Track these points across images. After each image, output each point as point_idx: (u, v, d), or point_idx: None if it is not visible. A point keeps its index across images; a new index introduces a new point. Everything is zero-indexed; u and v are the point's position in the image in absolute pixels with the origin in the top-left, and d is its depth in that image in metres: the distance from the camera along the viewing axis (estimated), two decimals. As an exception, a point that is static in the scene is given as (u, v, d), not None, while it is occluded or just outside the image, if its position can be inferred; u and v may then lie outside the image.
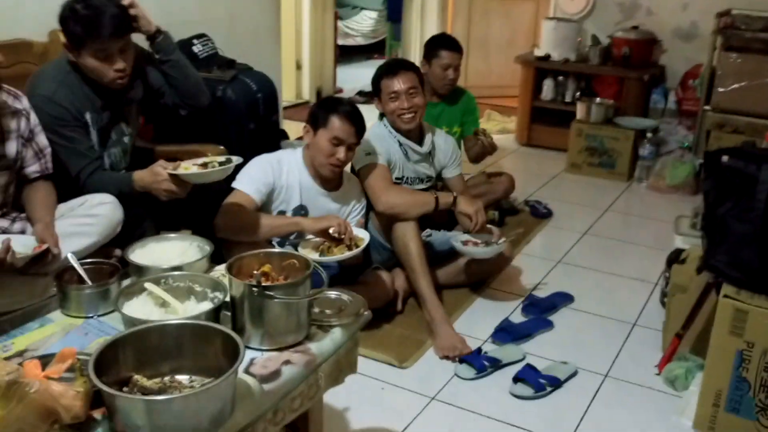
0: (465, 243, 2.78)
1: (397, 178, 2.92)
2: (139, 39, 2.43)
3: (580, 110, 4.77)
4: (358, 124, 2.54)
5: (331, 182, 2.63)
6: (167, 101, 2.54)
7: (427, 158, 2.97)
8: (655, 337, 2.72)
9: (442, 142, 3.03)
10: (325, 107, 2.55)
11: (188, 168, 2.06)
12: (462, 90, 3.56)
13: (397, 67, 2.88)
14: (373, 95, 2.97)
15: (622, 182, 4.61)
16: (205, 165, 2.07)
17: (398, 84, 2.81)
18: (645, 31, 5.07)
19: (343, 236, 2.38)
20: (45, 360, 1.44)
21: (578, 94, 5.04)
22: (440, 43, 3.43)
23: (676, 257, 2.74)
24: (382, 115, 2.98)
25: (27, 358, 1.52)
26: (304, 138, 2.58)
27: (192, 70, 2.58)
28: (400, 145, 2.90)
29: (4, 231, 2.14)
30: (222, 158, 2.10)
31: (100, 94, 2.32)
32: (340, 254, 2.38)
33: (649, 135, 4.64)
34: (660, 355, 2.57)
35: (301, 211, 2.58)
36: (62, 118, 2.24)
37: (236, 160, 2.10)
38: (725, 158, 1.99)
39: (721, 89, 4.35)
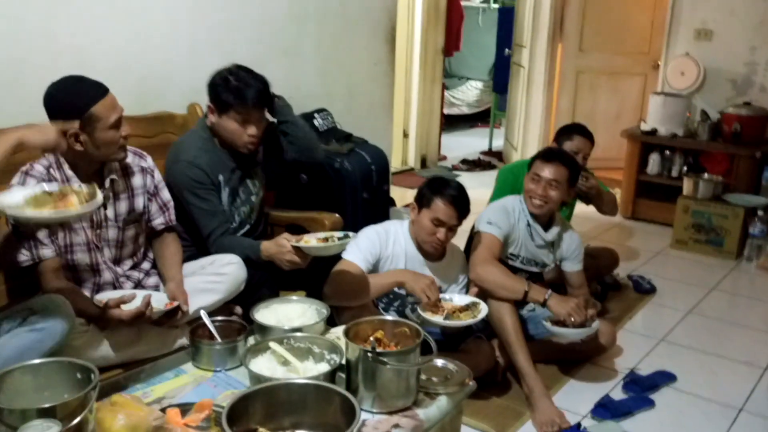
0: (555, 323, 2.75)
1: (512, 254, 2.98)
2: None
3: (687, 186, 4.72)
4: (461, 208, 2.63)
5: (434, 254, 2.75)
6: (287, 157, 2.77)
7: (549, 246, 3.01)
8: (763, 426, 2.65)
9: (567, 236, 3.07)
10: (432, 188, 2.65)
11: (309, 242, 2.25)
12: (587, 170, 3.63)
13: (554, 156, 2.95)
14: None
15: (731, 261, 4.50)
16: (325, 239, 2.25)
17: (545, 171, 2.88)
18: (758, 107, 5.00)
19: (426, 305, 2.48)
20: (183, 408, 1.61)
21: (685, 169, 5.00)
22: (573, 129, 3.52)
23: (785, 343, 2.70)
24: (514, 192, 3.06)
25: (164, 405, 1.71)
26: (411, 214, 2.72)
27: (308, 128, 2.82)
28: (528, 225, 2.97)
29: (139, 282, 2.38)
30: (340, 234, 2.28)
31: (232, 157, 2.58)
32: (467, 320, 2.45)
33: (760, 213, 4.52)
34: (768, 444, 2.52)
35: None
36: (201, 181, 2.49)
37: (353, 236, 2.27)
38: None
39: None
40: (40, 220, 1.77)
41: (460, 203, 2.63)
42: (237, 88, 2.46)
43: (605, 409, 2.70)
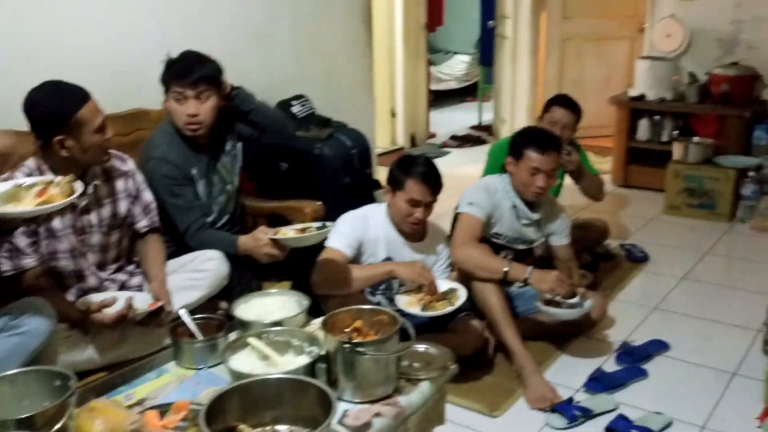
0: (548, 302, 2.75)
1: (496, 233, 2.96)
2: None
3: (677, 150, 4.69)
4: (433, 184, 2.60)
5: (414, 234, 2.73)
6: (264, 142, 2.77)
7: (536, 224, 2.99)
8: (757, 388, 2.64)
9: (553, 213, 3.05)
10: (402, 169, 2.62)
11: (287, 233, 2.23)
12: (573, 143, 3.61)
13: (547, 144, 2.86)
14: (511, 153, 2.93)
15: (724, 223, 4.48)
16: (303, 230, 2.23)
17: (544, 162, 2.82)
18: (745, 66, 4.95)
19: (428, 289, 2.48)
20: (163, 409, 1.61)
21: (675, 133, 4.96)
22: (554, 100, 3.53)
23: (776, 305, 2.68)
24: (503, 169, 2.99)
25: (147, 407, 1.70)
26: (386, 197, 2.70)
27: (272, 110, 2.79)
28: (514, 206, 2.93)
29: (123, 284, 2.37)
30: (318, 224, 2.27)
31: (200, 148, 2.56)
32: (443, 309, 2.45)
33: (751, 173, 4.49)
34: (761, 406, 2.50)
35: None
36: (173, 176, 2.48)
37: (331, 225, 2.26)
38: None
39: (828, 125, 4.20)
40: (24, 215, 1.76)
41: (432, 179, 2.61)
42: (173, 65, 2.45)
43: (598, 382, 2.70)
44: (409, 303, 2.46)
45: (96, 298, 2.14)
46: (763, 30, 4.99)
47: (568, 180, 3.69)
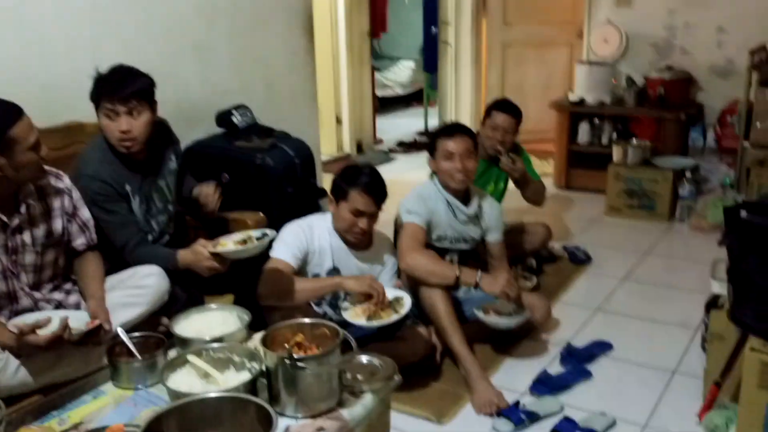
0: (487, 311, 2.80)
1: (439, 237, 2.99)
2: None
3: (616, 153, 4.79)
4: (377, 195, 2.62)
5: (360, 244, 2.73)
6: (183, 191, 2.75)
7: (474, 220, 3.02)
8: (696, 385, 2.69)
9: (488, 206, 3.08)
10: (346, 179, 2.64)
11: (226, 244, 2.19)
12: (517, 147, 3.68)
13: (454, 129, 2.99)
14: (429, 153, 3.03)
15: (663, 224, 4.58)
16: (243, 241, 2.20)
17: (454, 145, 2.89)
18: (680, 70, 5.11)
19: (378, 300, 2.47)
20: (97, 433, 1.56)
21: (615, 136, 5.06)
22: (494, 105, 3.61)
23: (713, 303, 2.75)
24: (433, 174, 3.07)
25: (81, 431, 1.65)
26: (330, 207, 2.70)
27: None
28: (448, 204, 2.97)
29: (59, 303, 2.29)
30: (258, 233, 2.23)
31: (137, 165, 2.50)
32: (388, 318, 2.45)
33: (688, 174, 4.63)
34: (701, 402, 2.56)
35: (335, 273, 2.68)
36: (105, 193, 2.41)
37: (271, 234, 2.23)
38: (745, 213, 2.01)
39: (759, 125, 4.34)
40: None
41: (376, 189, 2.62)
42: (104, 79, 2.38)
43: (543, 385, 2.73)
44: (354, 314, 2.46)
45: (29, 318, 2.07)
46: (694, 36, 5.16)
47: (510, 185, 3.74)
